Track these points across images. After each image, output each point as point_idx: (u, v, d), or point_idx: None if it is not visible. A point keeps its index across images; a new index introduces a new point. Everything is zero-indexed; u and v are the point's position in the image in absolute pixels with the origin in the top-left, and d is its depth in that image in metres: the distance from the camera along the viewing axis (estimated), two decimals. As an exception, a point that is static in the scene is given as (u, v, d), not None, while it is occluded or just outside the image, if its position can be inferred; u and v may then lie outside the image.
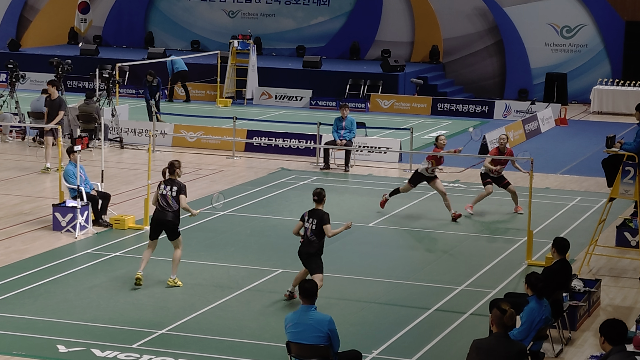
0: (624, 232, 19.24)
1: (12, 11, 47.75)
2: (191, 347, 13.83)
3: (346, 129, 26.32)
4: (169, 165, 16.45)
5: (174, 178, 16.35)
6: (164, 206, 16.14)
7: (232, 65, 39.09)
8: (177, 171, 16.40)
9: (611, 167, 17.85)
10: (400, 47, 43.66)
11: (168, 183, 16.29)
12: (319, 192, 15.46)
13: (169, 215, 16.13)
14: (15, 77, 30.16)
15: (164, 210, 16.13)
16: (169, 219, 16.14)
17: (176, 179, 16.34)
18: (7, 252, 18.18)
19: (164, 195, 16.18)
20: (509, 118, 36.11)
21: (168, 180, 16.36)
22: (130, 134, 29.47)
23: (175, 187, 16.21)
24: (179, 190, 16.19)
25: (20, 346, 13.67)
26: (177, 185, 16.24)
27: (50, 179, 23.93)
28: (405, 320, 15.12)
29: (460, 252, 19.11)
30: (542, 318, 12.65)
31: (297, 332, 11.64)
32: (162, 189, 16.24)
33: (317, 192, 15.46)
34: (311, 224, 15.23)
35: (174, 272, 16.34)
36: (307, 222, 15.28)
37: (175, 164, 16.43)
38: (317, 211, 15.33)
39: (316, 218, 15.23)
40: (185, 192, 16.26)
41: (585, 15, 40.99)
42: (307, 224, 15.28)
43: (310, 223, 15.24)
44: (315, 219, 15.23)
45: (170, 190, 16.19)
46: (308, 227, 15.26)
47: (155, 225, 16.31)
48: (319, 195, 15.42)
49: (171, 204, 16.14)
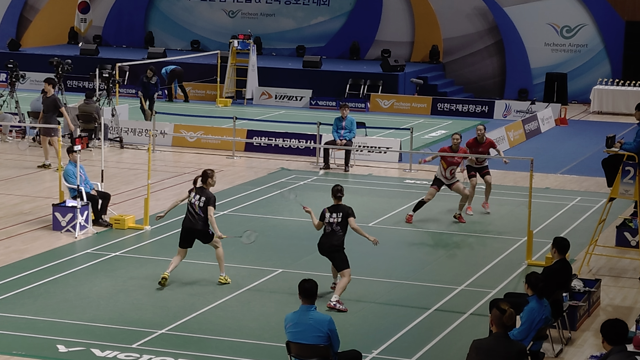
0: (623, 232, 19.23)
1: (12, 11, 47.76)
2: (191, 347, 13.83)
3: (346, 129, 26.32)
4: (202, 174, 16.44)
5: (205, 188, 16.37)
6: (193, 214, 16.21)
7: (232, 65, 39.09)
8: (209, 181, 16.41)
9: (611, 167, 17.84)
10: (400, 47, 43.67)
11: (198, 192, 16.31)
12: (341, 188, 15.85)
13: (198, 225, 16.22)
14: (15, 77, 30.15)
15: (193, 219, 16.22)
16: (198, 228, 16.25)
17: (207, 189, 16.35)
18: (7, 251, 18.18)
19: (192, 204, 16.22)
20: (509, 118, 36.11)
21: (199, 188, 16.38)
22: (130, 133, 29.47)
23: (204, 198, 16.22)
24: (207, 201, 16.20)
25: (20, 346, 13.67)
26: (206, 196, 16.25)
27: (50, 179, 23.92)
28: (405, 320, 15.12)
29: (460, 252, 19.10)
30: (542, 318, 12.64)
31: (297, 332, 11.64)
32: (191, 197, 16.28)
33: (340, 189, 15.82)
34: (336, 218, 15.53)
35: (222, 269, 16.51)
36: (331, 217, 15.55)
37: (208, 173, 16.43)
38: (340, 206, 15.67)
39: (341, 212, 15.56)
40: (213, 204, 16.28)
41: (585, 15, 40.99)
42: (332, 219, 15.55)
43: (335, 217, 15.53)
44: (340, 212, 15.55)
45: (199, 200, 16.21)
46: (333, 221, 15.54)
47: (185, 233, 16.38)
48: (342, 192, 15.79)
49: (199, 212, 16.19)
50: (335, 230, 15.54)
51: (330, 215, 15.61)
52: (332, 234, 15.56)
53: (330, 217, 15.60)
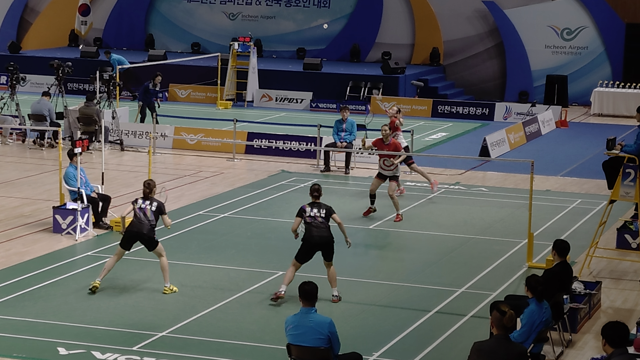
0: (624, 235, 19.24)
1: (13, 13, 47.77)
2: (191, 349, 13.83)
3: (346, 131, 26.32)
4: (146, 185, 16.38)
5: (153, 197, 16.39)
6: (141, 220, 16.11)
7: (233, 67, 39.10)
8: (154, 190, 16.45)
9: (612, 170, 17.85)
10: (401, 49, 43.68)
11: (147, 199, 16.29)
12: (319, 187, 15.93)
13: (145, 229, 16.08)
14: (15, 80, 30.18)
15: (141, 224, 16.10)
16: (144, 232, 16.10)
17: (153, 197, 16.37)
18: (8, 254, 18.18)
19: (143, 209, 16.15)
20: (509, 120, 36.10)
21: (146, 197, 16.34)
22: (130, 136, 29.48)
23: (156, 203, 16.25)
24: (159, 208, 16.22)
25: (20, 349, 13.67)
26: (158, 202, 16.29)
27: (51, 181, 23.91)
28: (406, 322, 15.12)
29: (460, 254, 19.10)
30: (542, 320, 12.64)
31: (298, 335, 11.64)
32: (140, 203, 16.22)
33: (317, 187, 15.91)
34: (319, 212, 15.62)
35: (167, 279, 16.27)
36: (312, 212, 15.61)
37: (151, 184, 16.42)
38: (320, 203, 15.78)
39: (323, 208, 15.68)
40: (165, 210, 16.35)
41: (586, 18, 40.99)
42: (313, 212, 15.62)
43: (318, 212, 15.62)
44: (323, 209, 15.67)
45: (150, 205, 16.19)
46: (316, 214, 15.61)
47: (130, 236, 16.22)
48: (319, 192, 15.87)
49: (150, 217, 16.12)
50: (320, 223, 15.65)
51: (312, 209, 15.70)
52: (319, 226, 15.66)
53: (311, 211, 15.67)
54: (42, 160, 26.98)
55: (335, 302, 15.69)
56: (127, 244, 16.29)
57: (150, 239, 16.19)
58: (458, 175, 26.32)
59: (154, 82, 31.85)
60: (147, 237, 16.16)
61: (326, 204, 15.88)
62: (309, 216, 15.65)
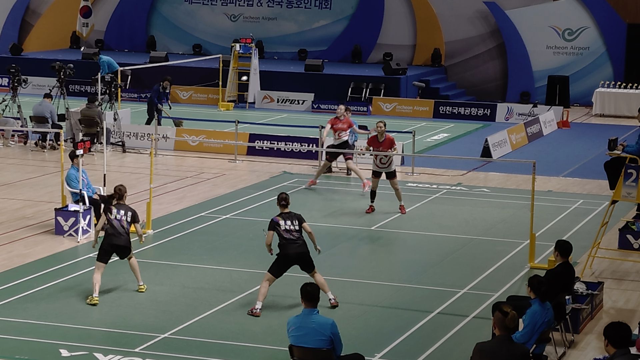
0: (626, 235, 19.23)
1: (14, 15, 47.78)
2: (194, 351, 13.83)
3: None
4: (116, 192, 16.21)
5: (124, 203, 16.24)
6: (119, 231, 15.92)
7: (234, 68, 39.11)
8: (125, 195, 16.31)
9: (613, 170, 17.84)
10: (402, 50, 43.69)
11: (120, 208, 16.07)
12: (286, 196, 15.57)
13: (122, 241, 15.93)
14: (17, 82, 30.19)
15: (119, 235, 15.91)
16: (123, 244, 15.96)
17: (125, 204, 16.22)
18: (10, 256, 18.19)
19: (119, 220, 15.95)
20: (511, 121, 36.10)
21: (118, 205, 16.13)
22: (132, 137, 29.48)
23: (130, 213, 16.07)
24: (134, 216, 16.06)
25: (23, 350, 13.67)
26: (132, 211, 16.12)
27: (52, 183, 23.91)
28: (408, 323, 15.11)
29: (462, 255, 19.09)
30: (544, 321, 12.64)
31: (300, 336, 11.64)
32: (114, 214, 15.98)
33: (285, 197, 15.55)
34: (293, 225, 15.24)
35: (139, 279, 16.20)
36: (286, 224, 15.20)
37: (122, 189, 16.27)
38: (290, 213, 15.40)
39: (296, 219, 15.29)
40: (138, 218, 16.19)
41: (587, 18, 40.99)
42: (287, 225, 15.20)
43: (291, 225, 15.23)
44: (296, 219, 15.28)
45: (125, 215, 16.02)
46: (291, 228, 15.21)
47: (110, 249, 15.94)
48: (286, 200, 15.53)
49: (126, 227, 16.00)
50: (296, 238, 15.23)
51: (285, 222, 15.26)
52: (295, 242, 15.23)
53: (285, 224, 15.24)
54: (43, 162, 26.99)
55: (334, 305, 15.57)
56: (105, 258, 15.94)
57: (128, 249, 16.09)
58: (460, 176, 26.32)
59: (163, 85, 31.75)
60: (125, 249, 16.05)
61: (294, 212, 15.50)
62: (284, 230, 15.19)
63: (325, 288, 15.49)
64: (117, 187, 16.31)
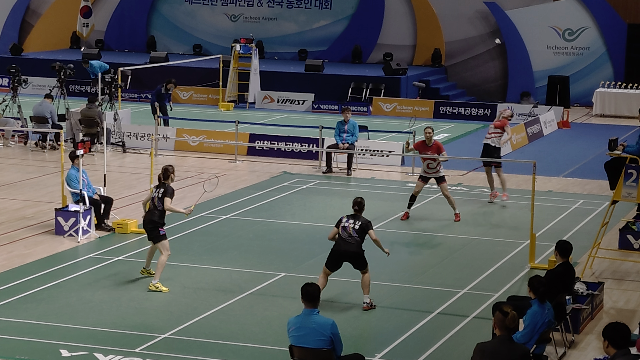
0: (626, 235, 19.23)
1: (15, 16, 47.78)
2: (194, 351, 13.83)
3: (348, 133, 26.33)
4: (163, 171, 16.68)
5: (166, 182, 16.56)
6: (152, 207, 16.46)
7: (234, 69, 39.11)
8: (172, 176, 16.65)
9: (614, 170, 17.83)
10: (403, 50, 43.68)
11: (160, 186, 16.58)
12: (360, 201, 15.95)
13: (155, 217, 16.42)
14: (17, 82, 30.20)
15: (150, 212, 16.47)
16: (154, 219, 16.39)
17: (166, 183, 16.54)
18: (10, 256, 18.19)
19: (153, 198, 16.48)
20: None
21: (160, 184, 16.62)
22: (132, 138, 29.48)
23: (162, 189, 16.46)
24: (164, 193, 16.40)
25: (23, 351, 13.67)
26: (164, 188, 16.47)
27: (53, 183, 23.92)
28: (408, 323, 15.11)
29: (462, 255, 19.09)
30: (544, 321, 12.64)
31: (300, 336, 11.64)
32: (153, 192, 16.58)
33: (359, 201, 15.94)
34: (353, 224, 15.59)
35: (157, 277, 16.32)
36: (348, 222, 15.59)
37: (169, 169, 16.67)
38: (359, 216, 15.76)
39: (359, 220, 15.64)
40: (171, 195, 16.44)
41: (587, 18, 40.98)
42: (348, 223, 15.59)
43: (353, 223, 15.60)
44: (359, 220, 15.63)
45: (158, 192, 16.46)
46: (349, 226, 15.57)
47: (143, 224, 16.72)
48: (360, 205, 15.87)
49: (157, 204, 16.41)
50: (348, 236, 15.61)
51: (347, 220, 15.73)
52: (346, 239, 15.63)
53: (347, 222, 15.70)
54: (44, 162, 27.00)
55: (365, 310, 15.59)
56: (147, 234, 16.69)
57: (153, 229, 16.40)
58: (460, 176, 26.32)
59: (166, 87, 31.68)
60: (150, 227, 16.41)
61: (366, 218, 15.78)
62: (342, 227, 15.63)
63: (365, 289, 15.73)
64: (164, 167, 16.71)
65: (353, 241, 15.55)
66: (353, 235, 15.55)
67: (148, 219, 16.48)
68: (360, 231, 15.60)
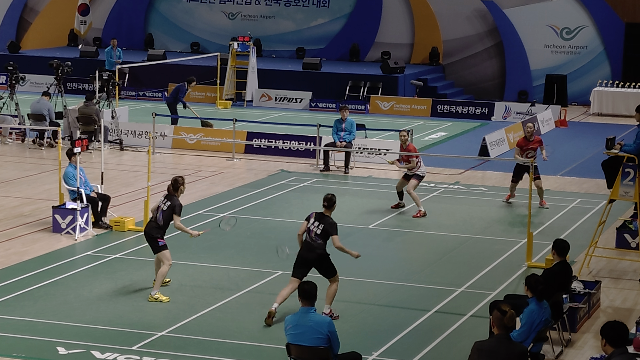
0: (624, 234, 19.24)
1: (12, 13, 47.76)
2: (191, 349, 13.82)
3: (346, 131, 26.32)
4: (172, 182, 16.00)
5: (174, 194, 15.88)
6: (153, 218, 15.90)
7: (232, 67, 39.10)
8: (181, 188, 15.96)
9: (611, 169, 17.84)
10: (400, 48, 43.68)
11: (167, 198, 15.91)
12: (330, 197, 15.01)
13: (153, 231, 15.78)
14: (15, 79, 30.17)
15: (152, 223, 15.90)
16: (152, 234, 15.76)
17: (175, 196, 15.89)
18: (7, 254, 18.18)
19: (158, 207, 15.93)
20: (508, 120, 36.10)
21: (168, 195, 15.95)
22: (130, 135, 29.47)
23: (169, 203, 15.81)
24: (171, 208, 15.76)
25: (20, 348, 13.67)
26: (172, 202, 15.82)
27: (50, 181, 23.91)
28: (405, 322, 15.12)
29: (460, 254, 19.10)
30: (542, 320, 12.64)
31: (297, 334, 11.64)
32: (160, 201, 16.00)
33: (328, 197, 15.01)
34: (317, 227, 14.79)
35: (156, 287, 15.84)
36: (313, 224, 14.83)
37: (179, 181, 15.98)
38: (325, 217, 14.86)
39: (324, 224, 14.77)
40: (179, 211, 15.78)
41: (585, 17, 41.00)
42: (312, 225, 14.83)
43: (316, 226, 14.81)
44: (323, 224, 14.77)
45: (164, 204, 15.85)
46: (313, 229, 14.81)
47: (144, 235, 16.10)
48: (329, 202, 14.98)
49: (159, 216, 15.81)
50: (311, 240, 14.85)
51: (314, 221, 14.87)
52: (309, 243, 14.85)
53: (312, 223, 14.84)
54: (41, 159, 26.99)
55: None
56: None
57: (152, 240, 15.82)
58: (457, 174, 26.32)
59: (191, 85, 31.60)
60: (150, 237, 15.85)
61: (332, 220, 14.92)
62: (307, 229, 14.87)
63: (327, 299, 14.97)
64: (174, 179, 15.97)
65: (316, 245, 14.79)
66: (314, 240, 14.79)
67: (147, 231, 15.88)
68: (323, 235, 14.76)
